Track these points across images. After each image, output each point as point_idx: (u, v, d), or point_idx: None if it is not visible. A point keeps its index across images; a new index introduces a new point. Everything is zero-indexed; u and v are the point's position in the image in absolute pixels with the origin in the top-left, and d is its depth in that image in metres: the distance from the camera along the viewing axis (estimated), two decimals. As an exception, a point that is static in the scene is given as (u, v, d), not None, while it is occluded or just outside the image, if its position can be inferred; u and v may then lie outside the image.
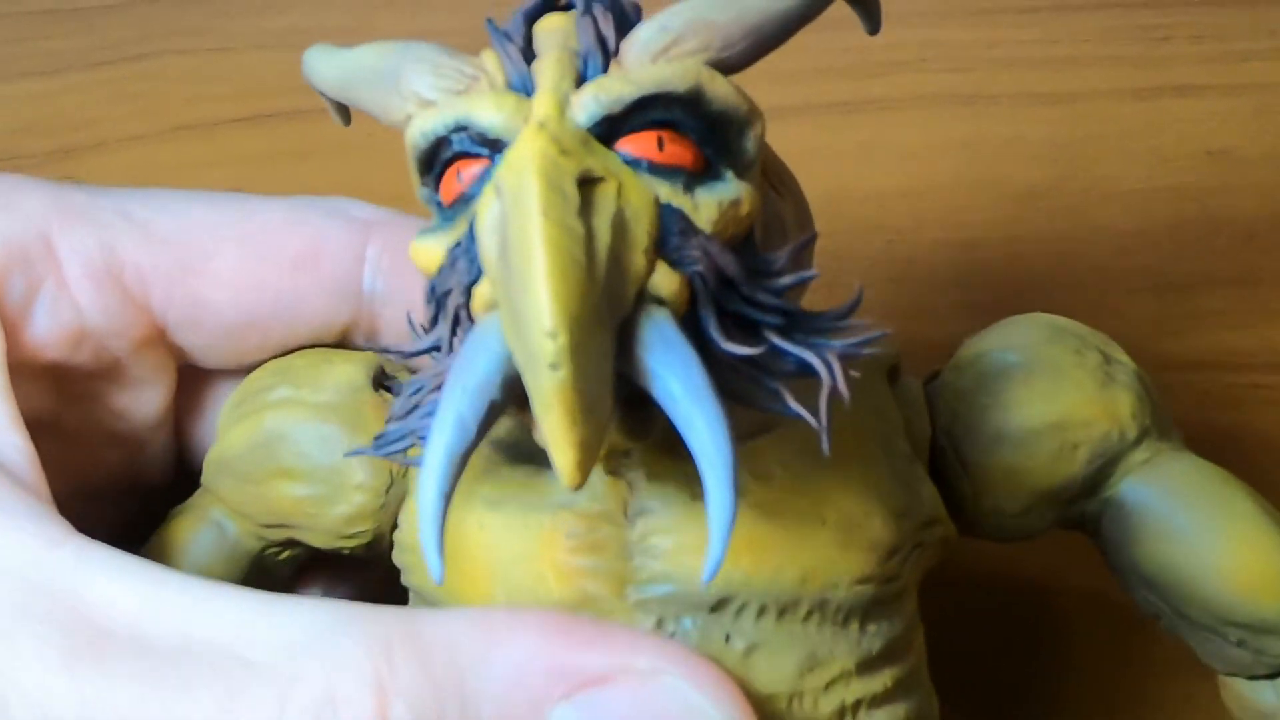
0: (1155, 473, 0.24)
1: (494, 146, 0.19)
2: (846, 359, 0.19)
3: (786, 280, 0.19)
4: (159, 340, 0.27)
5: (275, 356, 0.27)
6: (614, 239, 0.18)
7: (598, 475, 0.21)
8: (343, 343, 0.27)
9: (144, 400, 0.27)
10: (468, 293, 0.19)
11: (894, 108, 0.42)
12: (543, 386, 0.17)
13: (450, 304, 0.19)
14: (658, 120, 0.19)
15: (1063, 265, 0.39)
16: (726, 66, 0.19)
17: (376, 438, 0.21)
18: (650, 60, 0.19)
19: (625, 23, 0.20)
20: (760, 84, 0.20)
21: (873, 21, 0.21)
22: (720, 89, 0.19)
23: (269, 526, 0.26)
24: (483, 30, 0.20)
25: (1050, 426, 0.23)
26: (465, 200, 0.20)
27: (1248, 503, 0.23)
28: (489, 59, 0.20)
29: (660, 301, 0.18)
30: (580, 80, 0.19)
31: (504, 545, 0.21)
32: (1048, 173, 0.41)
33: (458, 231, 0.19)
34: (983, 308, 0.38)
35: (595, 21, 0.20)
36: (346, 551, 0.25)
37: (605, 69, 0.19)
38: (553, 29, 0.20)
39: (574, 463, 0.17)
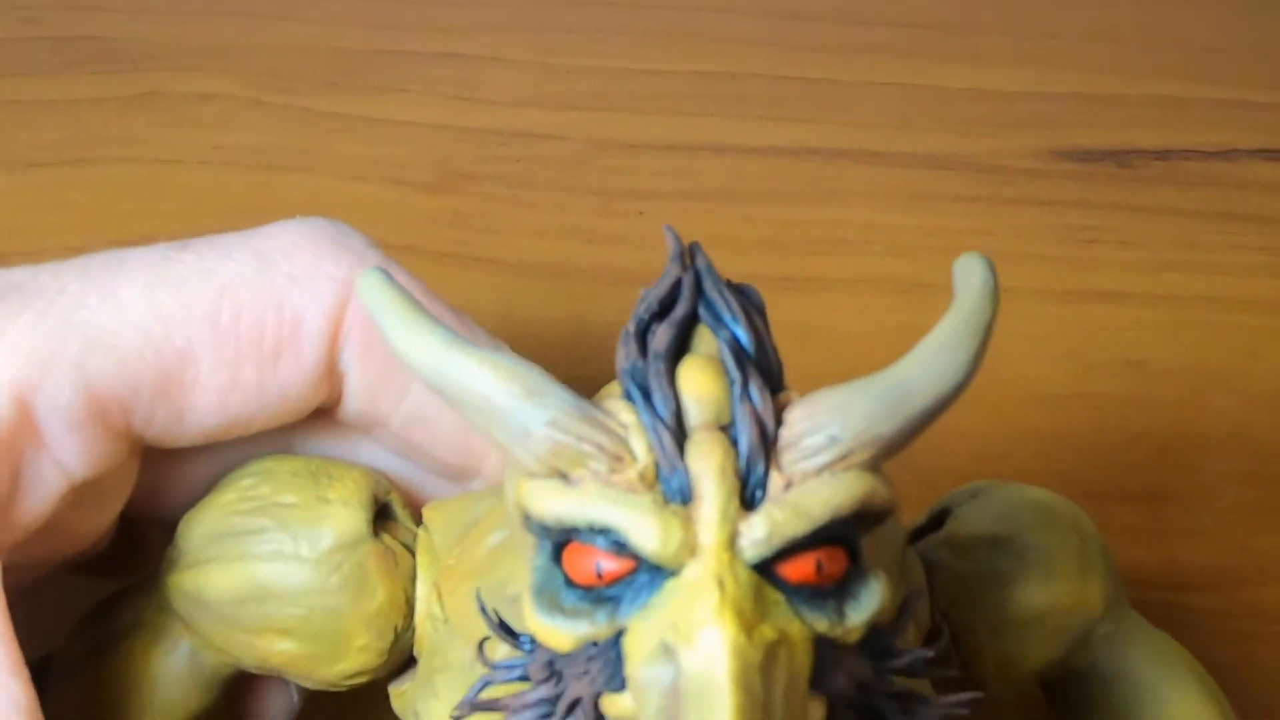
0: (1114, 648, 0.26)
1: (646, 560, 0.18)
2: None
3: (904, 662, 0.20)
4: (134, 452, 0.25)
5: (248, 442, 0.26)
6: (786, 710, 0.18)
7: None
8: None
9: (106, 508, 0.25)
10: (599, 692, 0.19)
11: (835, 289, 0.43)
12: None
13: (573, 688, 0.19)
14: (819, 541, 0.18)
15: (986, 465, 0.39)
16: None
17: None
18: (815, 471, 0.19)
19: (771, 375, 0.19)
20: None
21: None
22: (880, 496, 0.19)
23: (255, 667, 0.25)
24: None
25: (1040, 617, 0.25)
26: (605, 598, 0.19)
27: (1189, 676, 0.26)
28: (635, 434, 0.19)
29: None
30: (743, 483, 0.18)
31: None
32: (975, 368, 0.42)
33: (595, 629, 0.19)
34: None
35: (756, 411, 0.19)
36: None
37: (767, 469, 0.19)
38: (705, 397, 0.19)
39: None
